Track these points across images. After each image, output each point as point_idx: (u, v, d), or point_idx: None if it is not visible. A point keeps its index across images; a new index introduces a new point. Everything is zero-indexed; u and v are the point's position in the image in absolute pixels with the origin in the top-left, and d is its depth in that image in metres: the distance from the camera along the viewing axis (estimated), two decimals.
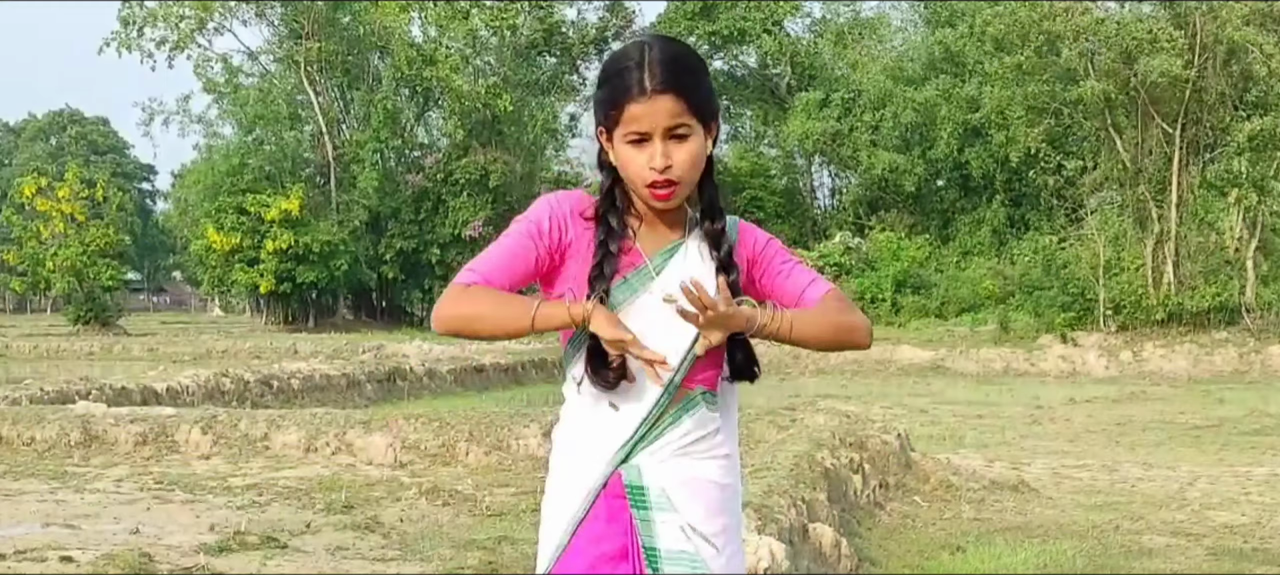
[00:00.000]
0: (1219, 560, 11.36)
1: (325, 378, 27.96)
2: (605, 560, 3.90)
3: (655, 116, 3.81)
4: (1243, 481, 16.27)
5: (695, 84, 3.89)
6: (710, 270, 3.93)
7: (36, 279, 64.29)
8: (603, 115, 3.91)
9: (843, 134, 63.90)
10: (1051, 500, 14.75)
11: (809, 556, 9.88)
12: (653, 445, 3.92)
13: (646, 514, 3.90)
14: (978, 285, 52.21)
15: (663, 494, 3.90)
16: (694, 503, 3.91)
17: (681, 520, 3.89)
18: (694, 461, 3.93)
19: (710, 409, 4.00)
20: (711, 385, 4.01)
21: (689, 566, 3.88)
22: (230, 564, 10.85)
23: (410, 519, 13.11)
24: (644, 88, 3.80)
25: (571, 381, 4.03)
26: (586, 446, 3.96)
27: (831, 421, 16.25)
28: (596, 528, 3.92)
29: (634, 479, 3.91)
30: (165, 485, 15.27)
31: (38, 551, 11.28)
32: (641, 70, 3.83)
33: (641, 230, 3.99)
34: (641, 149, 3.83)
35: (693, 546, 3.88)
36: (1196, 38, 41.41)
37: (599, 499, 3.93)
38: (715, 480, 3.96)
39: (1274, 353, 37.73)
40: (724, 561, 3.91)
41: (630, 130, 3.82)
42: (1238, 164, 42.22)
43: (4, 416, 18.74)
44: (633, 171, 3.87)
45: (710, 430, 3.99)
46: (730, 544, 3.96)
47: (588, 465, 3.95)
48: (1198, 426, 23.17)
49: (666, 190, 3.86)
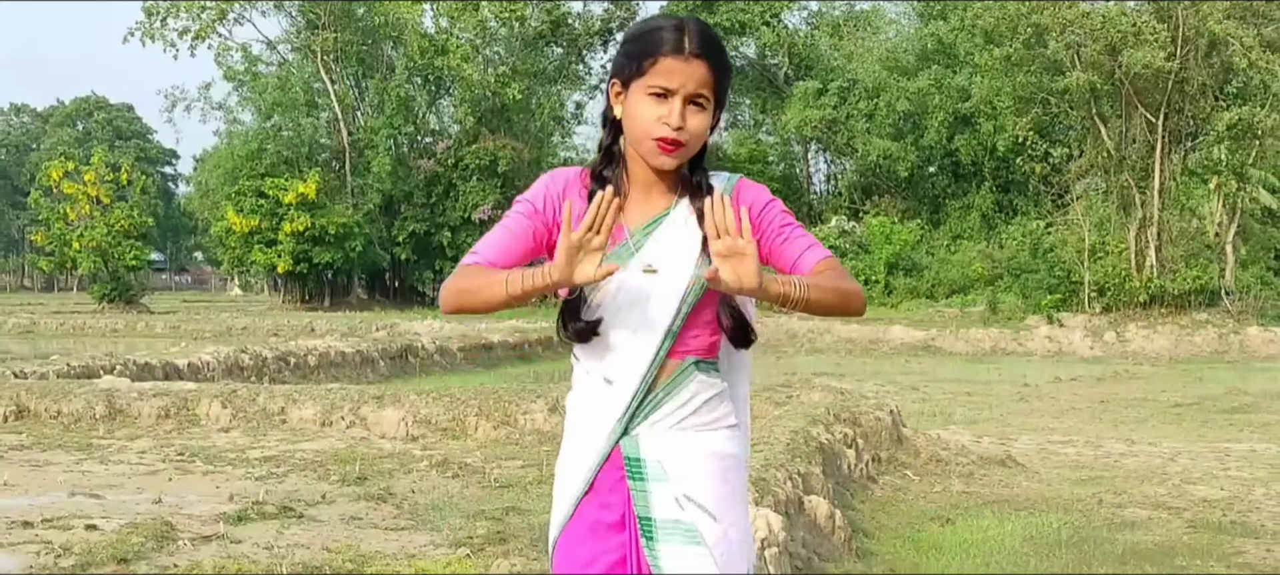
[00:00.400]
0: (1198, 532, 11.36)
1: (340, 355, 27.97)
2: (604, 528, 3.89)
3: (686, 77, 3.82)
4: (1221, 457, 16.26)
5: (724, 63, 3.91)
6: (696, 238, 3.91)
7: (63, 259, 64.26)
8: (632, 65, 3.88)
9: (838, 122, 63.93)
10: (1037, 475, 14.75)
11: (805, 528, 9.87)
12: (651, 416, 3.90)
13: (642, 485, 3.88)
14: (967, 268, 52.27)
15: (659, 465, 3.87)
16: (691, 472, 3.87)
17: (677, 491, 3.86)
18: (695, 433, 3.90)
19: (710, 376, 3.96)
20: (707, 353, 3.98)
21: (683, 536, 3.84)
22: (249, 532, 10.85)
23: (421, 490, 13.11)
24: (683, 48, 3.82)
25: (573, 355, 4.02)
26: (589, 419, 3.95)
27: (826, 398, 16.25)
28: (599, 498, 3.91)
29: (632, 451, 3.89)
30: (186, 457, 15.27)
31: (64, 519, 11.30)
32: (682, 34, 3.85)
33: (630, 200, 3.97)
34: (659, 104, 3.83)
35: (688, 516, 3.85)
36: (1178, 31, 41.40)
37: (602, 471, 3.91)
38: (717, 450, 3.93)
39: (1252, 334, 37.77)
40: (722, 530, 3.86)
41: (657, 83, 3.82)
42: (1218, 152, 42.26)
43: (32, 390, 18.74)
44: (644, 122, 3.85)
45: (712, 396, 3.95)
46: (731, 512, 3.91)
47: (591, 438, 3.93)
48: (1178, 404, 23.17)
49: (673, 148, 3.85)
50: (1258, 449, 17.02)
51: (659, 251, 3.88)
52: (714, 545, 3.85)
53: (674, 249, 3.88)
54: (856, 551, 10.16)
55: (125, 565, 9.58)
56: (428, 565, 9.68)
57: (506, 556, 9.65)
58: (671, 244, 3.89)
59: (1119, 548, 10.67)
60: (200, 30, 67.29)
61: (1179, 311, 41.12)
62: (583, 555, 3.90)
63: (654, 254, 3.87)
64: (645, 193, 3.98)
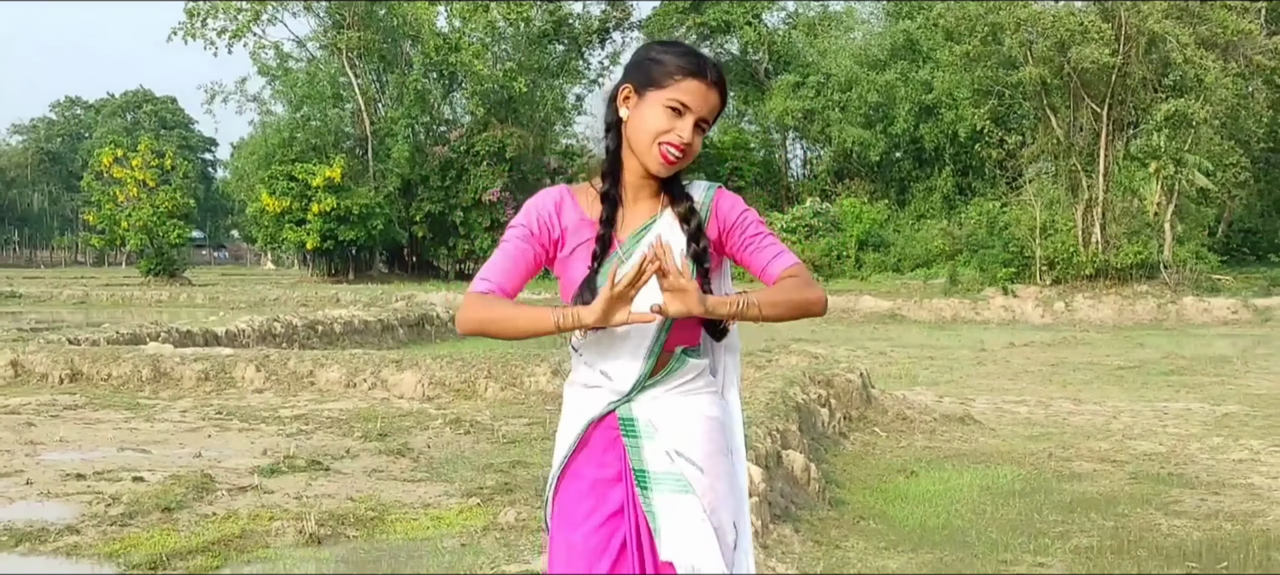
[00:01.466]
0: (1139, 483, 11.36)
1: (363, 323, 27.95)
2: (604, 484, 3.90)
3: (703, 101, 3.87)
4: (1160, 415, 16.27)
5: (727, 98, 3.98)
6: (680, 242, 3.93)
7: (113, 236, 64.29)
8: (655, 77, 3.88)
9: (814, 112, 63.92)
10: (993, 431, 14.75)
11: (783, 479, 9.87)
12: (645, 393, 3.92)
13: (636, 442, 3.90)
14: (930, 244, 52.32)
15: (650, 424, 3.89)
16: (679, 430, 3.89)
17: (667, 446, 3.88)
18: (681, 397, 3.92)
19: (695, 359, 3.98)
20: (692, 342, 3.99)
21: (674, 486, 3.86)
22: (280, 484, 10.85)
23: (437, 445, 13.11)
24: (706, 76, 3.87)
25: (572, 346, 4.03)
26: (587, 405, 3.96)
27: (802, 362, 16.26)
28: (595, 458, 3.93)
29: (626, 413, 3.92)
30: (224, 415, 15.28)
31: (114, 472, 11.30)
32: (706, 64, 3.90)
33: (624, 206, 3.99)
34: (675, 117, 3.84)
35: (677, 468, 3.87)
36: (1121, 29, 41.49)
37: (596, 428, 3.93)
38: (701, 412, 3.94)
39: (1187, 304, 37.82)
40: (709, 482, 3.88)
41: (677, 99, 3.84)
42: (1157, 139, 42.27)
43: (85, 355, 18.75)
44: (655, 129, 3.85)
45: (697, 374, 3.97)
46: (717, 466, 3.92)
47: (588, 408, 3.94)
48: (1121, 368, 23.18)
49: (675, 159, 3.86)
50: (1192, 408, 17.03)
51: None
52: (702, 493, 3.87)
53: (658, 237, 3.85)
54: (829, 500, 10.16)
55: (169, 514, 9.58)
56: (442, 513, 9.68)
57: (513, 505, 9.66)
58: None
59: (1067, 497, 10.68)
60: (237, 30, 67.53)
61: (1121, 284, 41.22)
62: (585, 505, 3.91)
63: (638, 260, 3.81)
64: (634, 199, 3.99)
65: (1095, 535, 9.25)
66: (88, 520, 9.37)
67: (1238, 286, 42.31)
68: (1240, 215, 53.67)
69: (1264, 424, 15.41)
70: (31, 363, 18.53)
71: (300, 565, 8.06)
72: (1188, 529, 9.48)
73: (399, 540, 8.81)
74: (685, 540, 3.85)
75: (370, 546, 8.62)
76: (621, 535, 3.89)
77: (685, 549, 3.84)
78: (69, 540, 8.74)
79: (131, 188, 61.31)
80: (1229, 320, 36.51)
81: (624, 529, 3.90)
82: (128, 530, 9.05)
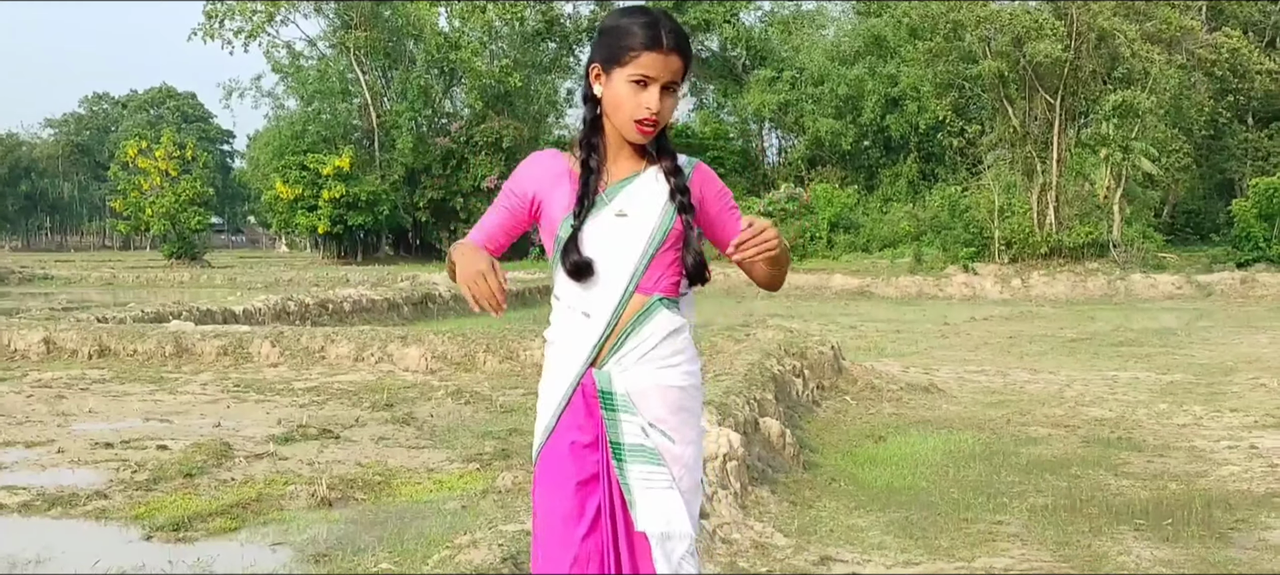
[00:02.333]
0: (1090, 446, 11.39)
1: (370, 302, 27.92)
2: (581, 448, 3.91)
3: (664, 69, 3.82)
4: (1110, 383, 16.31)
5: (691, 53, 3.92)
6: (664, 191, 3.94)
7: (138, 222, 64.10)
8: (616, 54, 3.86)
9: (788, 104, 64.00)
10: (955, 399, 14.78)
11: (760, 444, 9.88)
12: (619, 351, 3.90)
13: (613, 415, 3.90)
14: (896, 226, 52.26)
15: (627, 398, 3.89)
16: (654, 405, 3.90)
17: (642, 421, 3.89)
18: (656, 369, 3.91)
19: (672, 311, 3.96)
20: (671, 292, 3.97)
21: (647, 457, 3.88)
22: (294, 451, 10.85)
23: (439, 415, 13.11)
24: (663, 44, 3.82)
25: (554, 296, 4.03)
26: (567, 348, 3.96)
27: (778, 336, 16.26)
28: (576, 418, 3.92)
29: (604, 385, 3.90)
30: (241, 388, 15.27)
31: (139, 441, 11.29)
32: (661, 31, 3.83)
33: (607, 161, 3.98)
34: (640, 90, 3.82)
35: (651, 442, 3.88)
36: (1073, 26, 41.53)
37: (577, 394, 3.92)
38: (674, 384, 3.93)
39: (1135, 280, 37.92)
40: (679, 450, 3.90)
41: (639, 72, 3.81)
42: (1106, 128, 42.34)
43: (113, 333, 18.73)
44: (627, 107, 3.84)
45: (673, 330, 3.95)
46: (685, 429, 3.93)
47: (568, 365, 3.95)
48: (1074, 339, 23.22)
49: (651, 127, 3.86)
50: (1140, 376, 17.07)
51: (629, 204, 3.90)
52: (672, 462, 3.90)
53: (644, 202, 3.89)
54: (804, 464, 10.17)
55: (191, 479, 9.58)
56: (444, 477, 9.68)
57: (510, 469, 9.66)
58: (641, 198, 3.91)
59: (1024, 460, 10.70)
60: (252, 30, 67.75)
61: (1074, 262, 41.27)
62: (565, 469, 3.90)
63: (624, 205, 3.90)
64: (618, 157, 3.98)
65: (1050, 495, 9.27)
66: (115, 485, 9.36)
67: (1181, 264, 42.42)
68: (1183, 198, 53.81)
69: (1206, 391, 15.46)
70: (63, 339, 18.50)
71: (312, 526, 8.06)
72: (1135, 489, 9.50)
73: (404, 503, 8.81)
74: (658, 511, 3.87)
75: (377, 508, 8.63)
76: (597, 501, 3.90)
77: (658, 519, 3.86)
78: (98, 504, 8.74)
79: (155, 177, 61.19)
80: (1173, 295, 36.61)
81: (599, 495, 3.90)
82: (152, 495, 9.05)
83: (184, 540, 7.76)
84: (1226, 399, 14.72)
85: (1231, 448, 11.33)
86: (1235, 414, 13.47)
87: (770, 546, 7.58)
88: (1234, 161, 54.26)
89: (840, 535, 8.03)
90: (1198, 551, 7.61)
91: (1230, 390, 15.55)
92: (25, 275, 49.87)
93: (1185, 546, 7.73)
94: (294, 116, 68.78)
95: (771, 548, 7.55)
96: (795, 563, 7.28)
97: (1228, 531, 8.12)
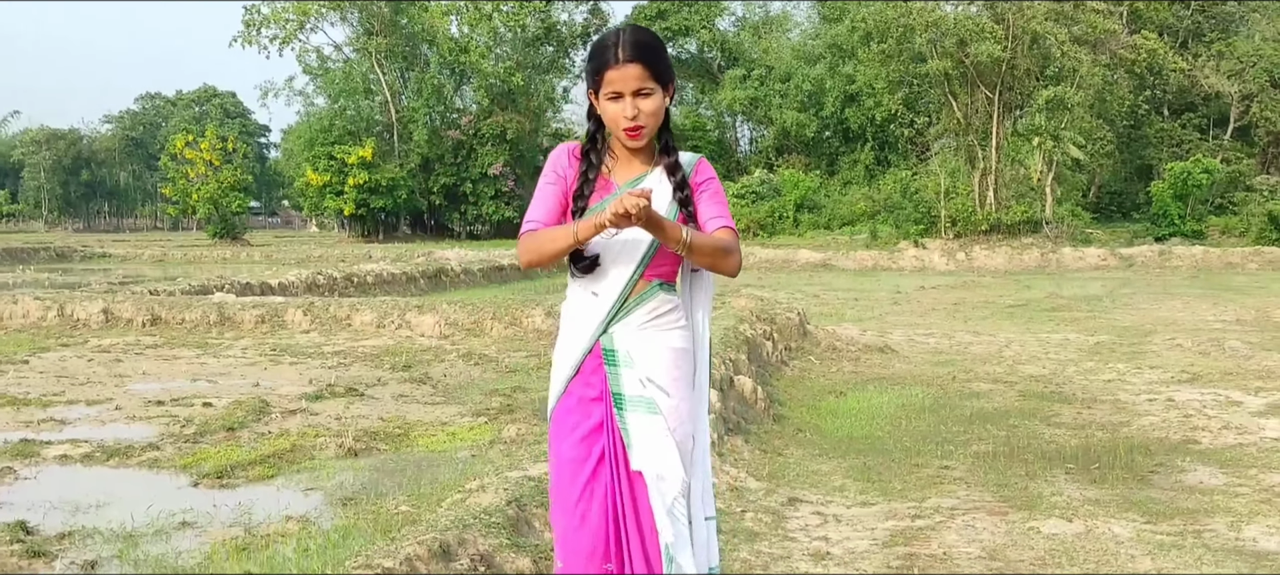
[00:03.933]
0: (1026, 400, 11.39)
1: (390, 275, 27.88)
2: (588, 401, 3.94)
3: (626, 80, 3.82)
4: (1043, 344, 16.32)
5: (654, 57, 3.88)
6: (668, 191, 3.95)
7: (185, 206, 64.10)
8: (591, 80, 3.92)
9: (759, 99, 64.29)
10: (907, 358, 14.77)
11: (735, 399, 9.88)
12: (624, 320, 3.93)
13: (615, 369, 3.93)
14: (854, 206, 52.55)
15: (628, 354, 3.92)
16: (651, 360, 3.92)
17: (640, 374, 3.91)
18: (655, 331, 3.94)
19: (667, 293, 3.99)
20: (668, 277, 4.01)
21: (645, 407, 3.90)
22: (324, 408, 10.84)
23: (451, 375, 13.10)
24: (618, 59, 3.81)
25: (570, 274, 4.03)
26: (579, 321, 3.99)
27: (750, 303, 16.24)
28: (584, 379, 3.95)
29: (608, 344, 3.94)
30: (277, 352, 15.24)
31: (187, 399, 11.27)
32: (617, 48, 3.83)
33: (617, 166, 3.99)
34: (618, 102, 3.84)
35: (649, 393, 3.90)
36: (1010, 29, 41.64)
37: (587, 359, 3.96)
38: (672, 345, 3.97)
39: (1065, 253, 38.06)
40: (674, 404, 3.92)
41: (610, 89, 3.83)
42: (1039, 119, 42.50)
43: (163, 303, 18.69)
44: (612, 119, 3.88)
45: (669, 309, 3.98)
46: (681, 389, 3.96)
47: (580, 335, 3.98)
48: (1011, 305, 23.23)
49: (636, 132, 3.86)
50: (1070, 338, 17.08)
51: None
52: (668, 413, 3.91)
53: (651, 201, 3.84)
54: (773, 416, 10.16)
55: (232, 432, 9.56)
56: (456, 430, 9.67)
57: (514, 422, 9.66)
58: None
59: (968, 411, 10.70)
60: (286, 37, 67.84)
61: (1011, 237, 41.42)
62: (573, 419, 3.95)
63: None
64: (628, 160, 4.00)
65: (990, 443, 9.27)
66: (166, 438, 9.34)
67: (1106, 239, 42.71)
68: (1108, 181, 54.08)
69: (1129, 350, 15.47)
70: (119, 310, 18.45)
71: (340, 474, 8.05)
72: (1066, 437, 9.50)
73: (421, 452, 8.80)
74: (652, 453, 3.88)
75: (397, 457, 8.62)
76: (600, 447, 3.92)
77: (652, 460, 3.88)
78: (151, 454, 8.72)
79: (201, 166, 61.19)
80: (1099, 266, 36.68)
81: (602, 442, 3.92)
82: (199, 446, 9.04)
83: (227, 486, 7.75)
84: (1146, 357, 14.73)
85: (1150, 400, 11.34)
86: (1154, 371, 13.48)
87: (744, 489, 7.58)
88: (1151, 149, 54.52)
89: (806, 479, 8.03)
90: (1122, 491, 7.62)
91: (1150, 349, 15.56)
92: (86, 254, 49.87)
93: (1110, 487, 7.74)
94: (322, 113, 68.93)
95: (745, 490, 7.55)
96: (767, 503, 7.28)
97: (1148, 474, 8.13)
